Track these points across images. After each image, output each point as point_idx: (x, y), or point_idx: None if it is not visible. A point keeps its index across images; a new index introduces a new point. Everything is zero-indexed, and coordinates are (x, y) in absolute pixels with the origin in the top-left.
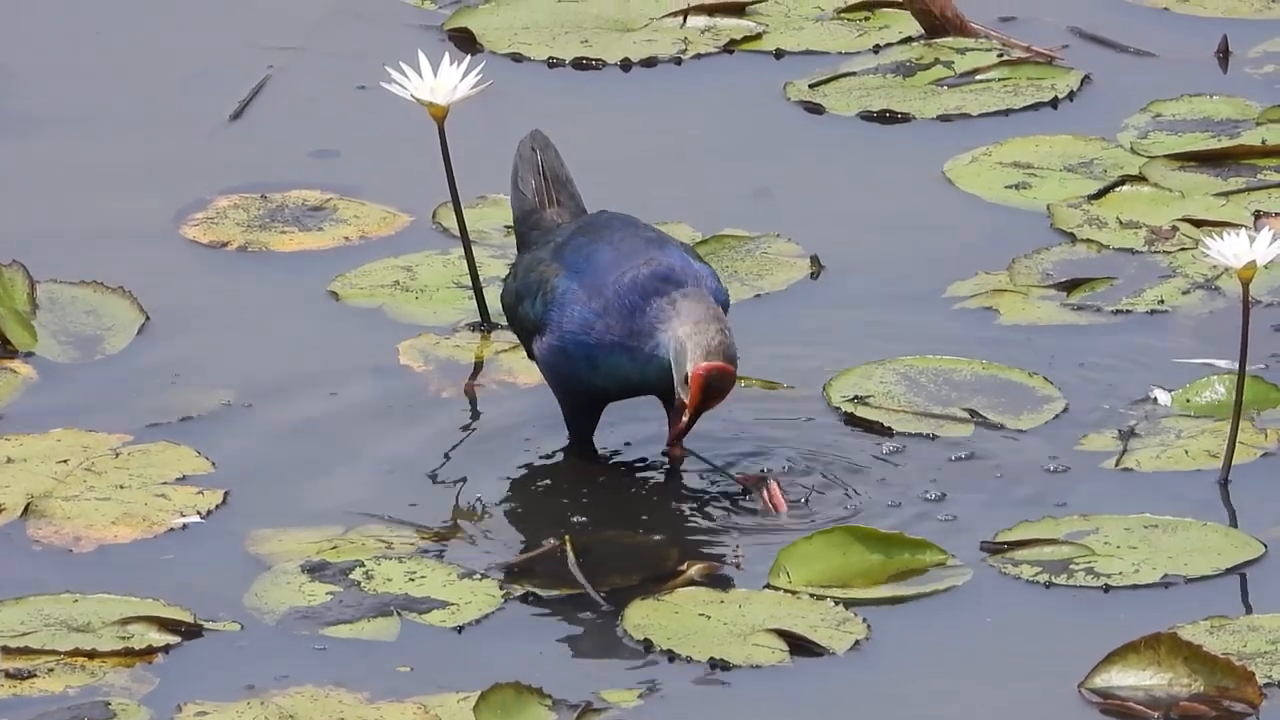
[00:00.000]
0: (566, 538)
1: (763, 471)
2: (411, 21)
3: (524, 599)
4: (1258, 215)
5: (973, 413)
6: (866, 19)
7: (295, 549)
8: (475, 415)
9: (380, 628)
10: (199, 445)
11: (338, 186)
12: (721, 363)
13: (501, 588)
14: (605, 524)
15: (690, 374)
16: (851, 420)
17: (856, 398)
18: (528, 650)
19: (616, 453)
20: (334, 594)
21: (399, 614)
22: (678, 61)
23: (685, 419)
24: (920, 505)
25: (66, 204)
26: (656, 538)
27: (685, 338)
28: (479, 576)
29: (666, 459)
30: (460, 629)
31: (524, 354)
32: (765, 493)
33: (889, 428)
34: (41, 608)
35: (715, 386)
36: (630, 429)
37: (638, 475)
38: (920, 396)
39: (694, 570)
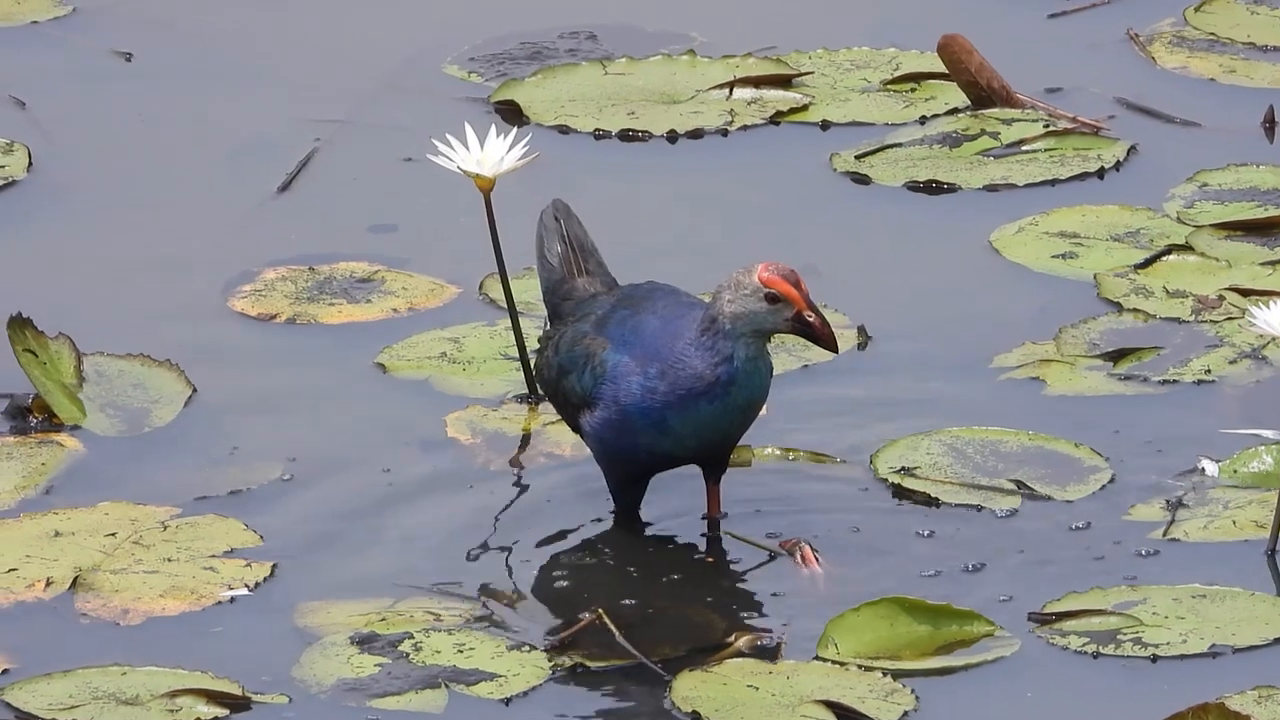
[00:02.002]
0: (599, 611)
1: (798, 541)
2: (458, 94)
3: (572, 670)
4: None
5: (1019, 484)
6: (913, 90)
7: (343, 621)
8: (523, 487)
9: (428, 700)
10: (247, 518)
11: (385, 258)
12: (760, 263)
13: (549, 660)
14: (652, 595)
15: (766, 288)
16: (899, 491)
17: (903, 469)
18: None
19: (661, 525)
20: (382, 666)
21: (447, 686)
22: (724, 133)
23: (812, 316)
24: (967, 576)
25: (114, 277)
26: (703, 609)
27: (730, 301)
28: (527, 648)
29: (708, 529)
30: (508, 701)
31: (567, 426)
32: (799, 556)
33: (936, 498)
34: (90, 680)
35: (783, 270)
36: (673, 502)
37: (683, 547)
38: (967, 467)
39: (741, 641)
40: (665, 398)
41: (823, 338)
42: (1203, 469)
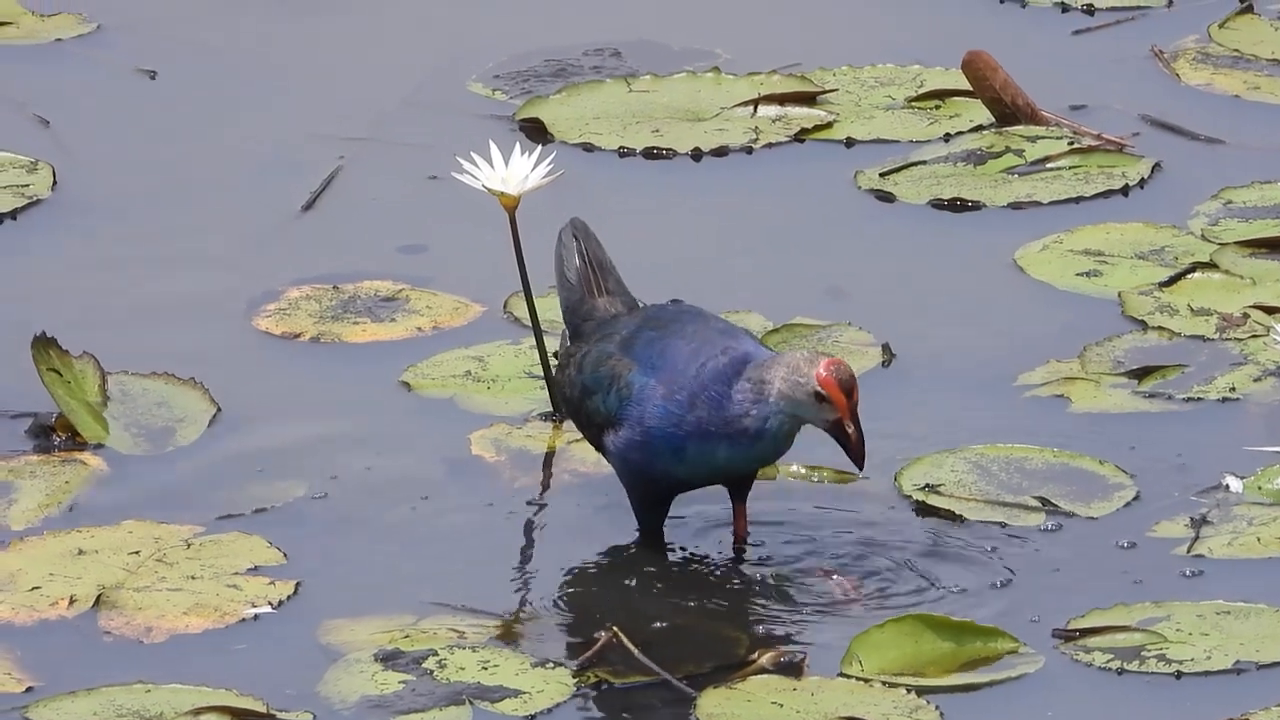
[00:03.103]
0: (614, 629)
1: (823, 570)
2: (482, 112)
3: (595, 687)
4: None
5: (1044, 501)
6: (937, 108)
7: (367, 639)
8: (547, 505)
9: (452, 717)
10: (271, 536)
11: (410, 277)
12: (826, 357)
13: (574, 676)
14: (676, 611)
15: (819, 387)
16: (923, 509)
17: (928, 486)
18: None
19: (684, 541)
20: (406, 683)
21: (471, 703)
22: (749, 150)
23: (850, 429)
24: (992, 593)
25: (138, 295)
26: (727, 625)
27: (784, 379)
28: (551, 665)
29: (734, 547)
30: (532, 718)
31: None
32: (836, 578)
33: (960, 516)
34: (114, 698)
35: (842, 376)
36: (695, 519)
37: (707, 563)
38: (992, 485)
39: (765, 658)
40: (690, 427)
41: (854, 453)
42: (1227, 485)
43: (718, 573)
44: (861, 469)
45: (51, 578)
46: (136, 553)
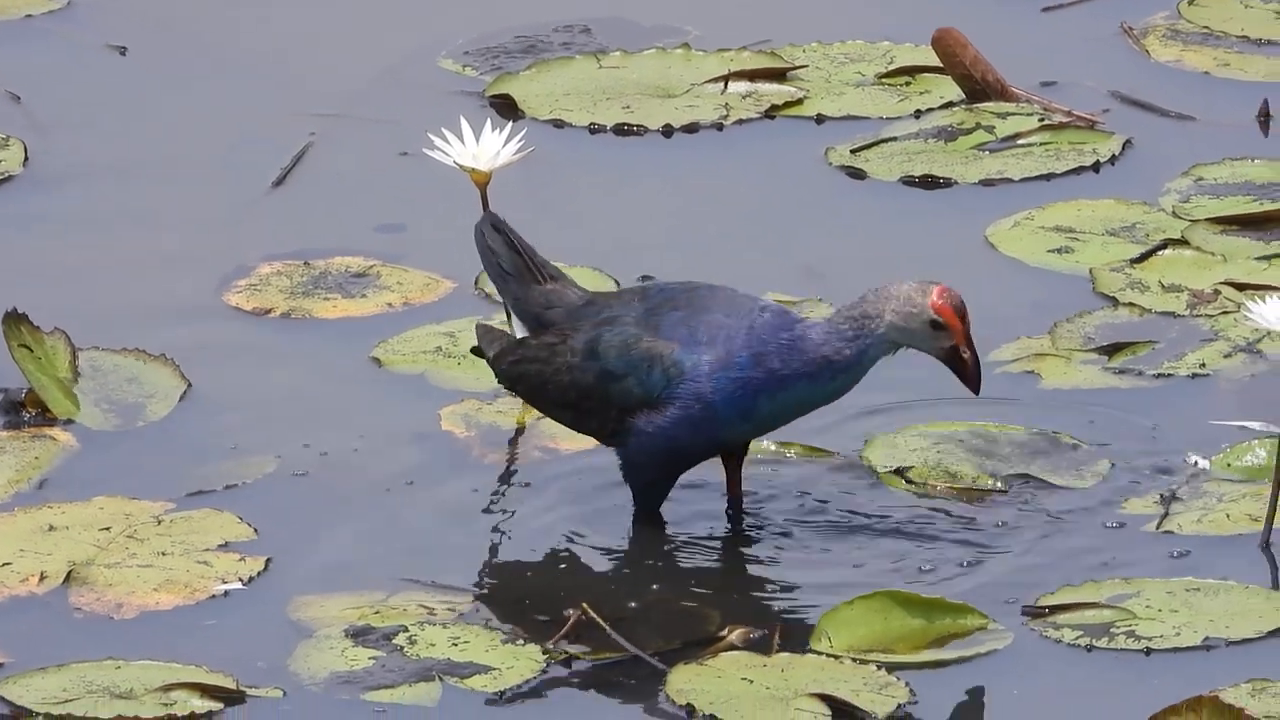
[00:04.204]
0: (584, 606)
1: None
2: (452, 88)
3: (565, 664)
4: None
5: (1014, 477)
6: (908, 84)
7: (337, 615)
8: (517, 480)
9: (422, 692)
10: (241, 512)
11: (381, 253)
12: (936, 285)
13: (544, 653)
14: (646, 588)
15: (935, 315)
16: (893, 485)
17: (898, 470)
18: (570, 716)
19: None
20: (376, 659)
21: (441, 679)
22: (719, 127)
23: (966, 353)
24: (961, 569)
25: (108, 271)
26: (697, 601)
27: (895, 311)
28: (521, 642)
29: (728, 512)
30: (502, 694)
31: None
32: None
33: (930, 492)
34: (84, 675)
35: (955, 302)
36: (676, 496)
37: (677, 540)
38: (961, 461)
39: (735, 635)
40: (760, 383)
41: (970, 377)
42: (1195, 463)
43: (688, 548)
44: (978, 393)
45: (22, 554)
46: (107, 529)
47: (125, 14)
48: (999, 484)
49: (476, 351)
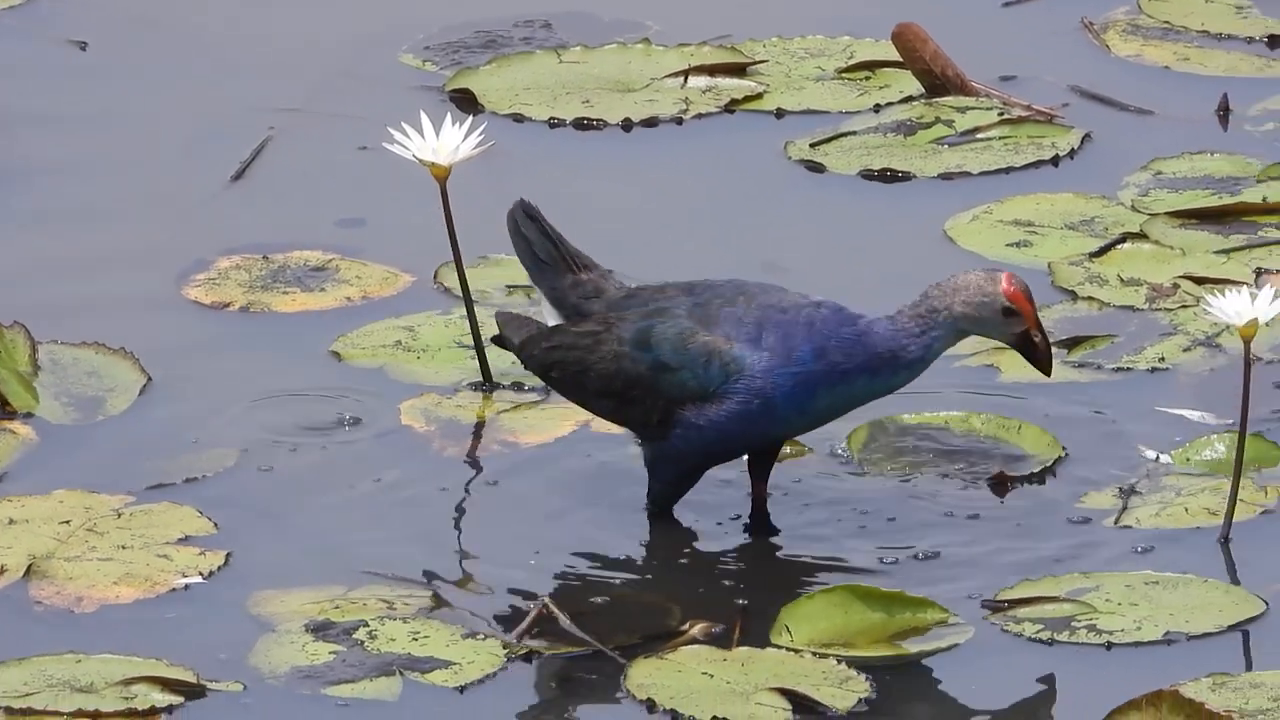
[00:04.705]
0: (545, 600)
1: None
2: (412, 83)
3: (526, 658)
4: (1259, 272)
5: (974, 470)
6: (867, 78)
7: (297, 609)
8: (477, 474)
9: (383, 687)
10: (201, 505)
11: (340, 247)
12: (1002, 272)
13: (504, 647)
14: (607, 582)
15: (1008, 302)
16: (852, 478)
17: (859, 459)
18: (530, 710)
19: (616, 513)
20: (337, 653)
21: (402, 674)
22: (679, 121)
23: (1037, 336)
24: (921, 563)
25: (68, 265)
26: (658, 596)
27: (964, 302)
28: (481, 636)
29: (754, 515)
30: (463, 689)
31: (523, 415)
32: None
33: (890, 485)
34: (44, 668)
35: (1023, 287)
36: (628, 491)
37: (637, 535)
38: (921, 454)
39: (696, 629)
40: (820, 377)
41: (1042, 359)
42: (1154, 457)
43: (650, 542)
44: (1049, 374)
45: None
46: (67, 522)
47: (86, 9)
48: (959, 477)
49: (499, 340)
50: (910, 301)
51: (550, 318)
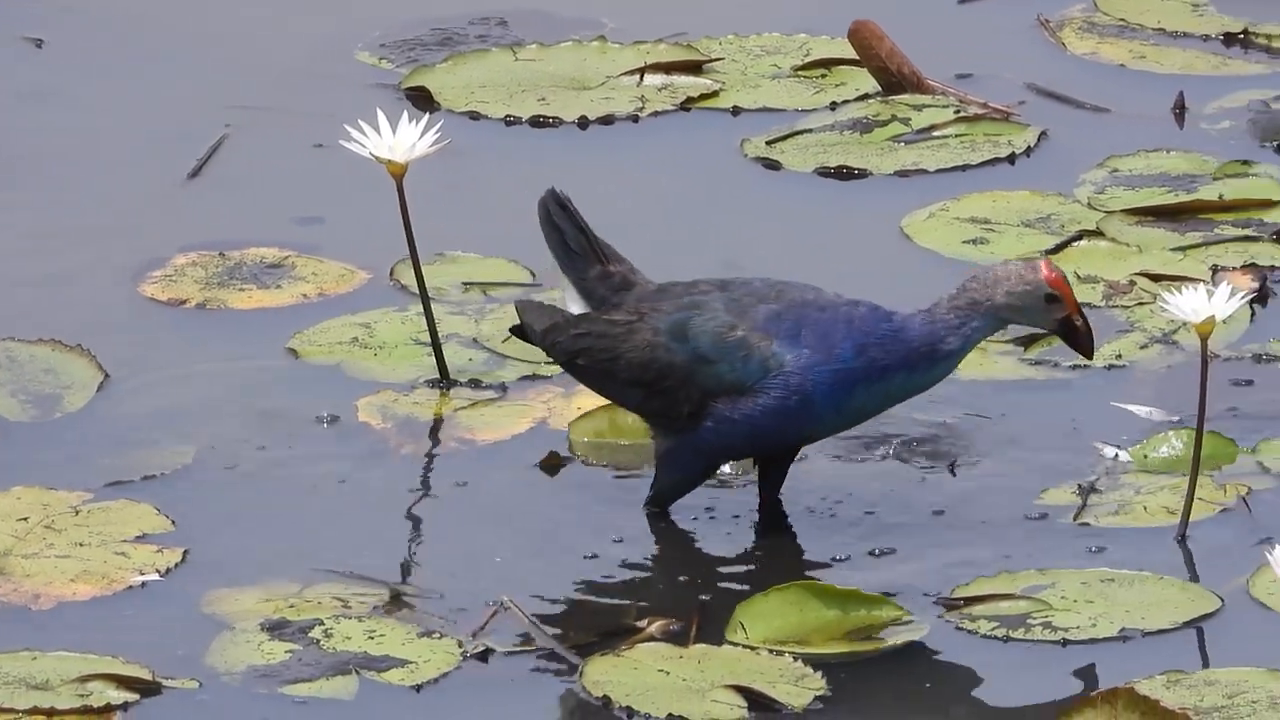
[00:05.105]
0: (505, 598)
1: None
2: (369, 80)
3: (482, 657)
4: (1215, 269)
5: (929, 467)
6: (823, 76)
7: (253, 607)
8: (434, 472)
9: (339, 686)
10: (159, 503)
11: (296, 244)
12: (1040, 259)
13: (460, 646)
14: (564, 581)
15: (1051, 289)
16: (807, 474)
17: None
18: (486, 708)
19: (572, 511)
20: (293, 652)
21: (358, 672)
22: (635, 119)
23: (1079, 321)
24: (876, 560)
25: (25, 262)
26: (615, 594)
27: (1007, 293)
28: (438, 635)
29: (762, 515)
30: (419, 688)
31: (480, 412)
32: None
33: (844, 481)
34: (0, 665)
35: (1062, 273)
36: (580, 489)
37: (595, 532)
38: (876, 451)
39: (654, 627)
40: (860, 374)
41: (1084, 344)
42: (1111, 455)
43: (609, 542)
44: (1091, 358)
45: None
46: (24, 519)
47: (41, 6)
48: (915, 474)
49: (518, 330)
50: (947, 294)
51: (575, 308)
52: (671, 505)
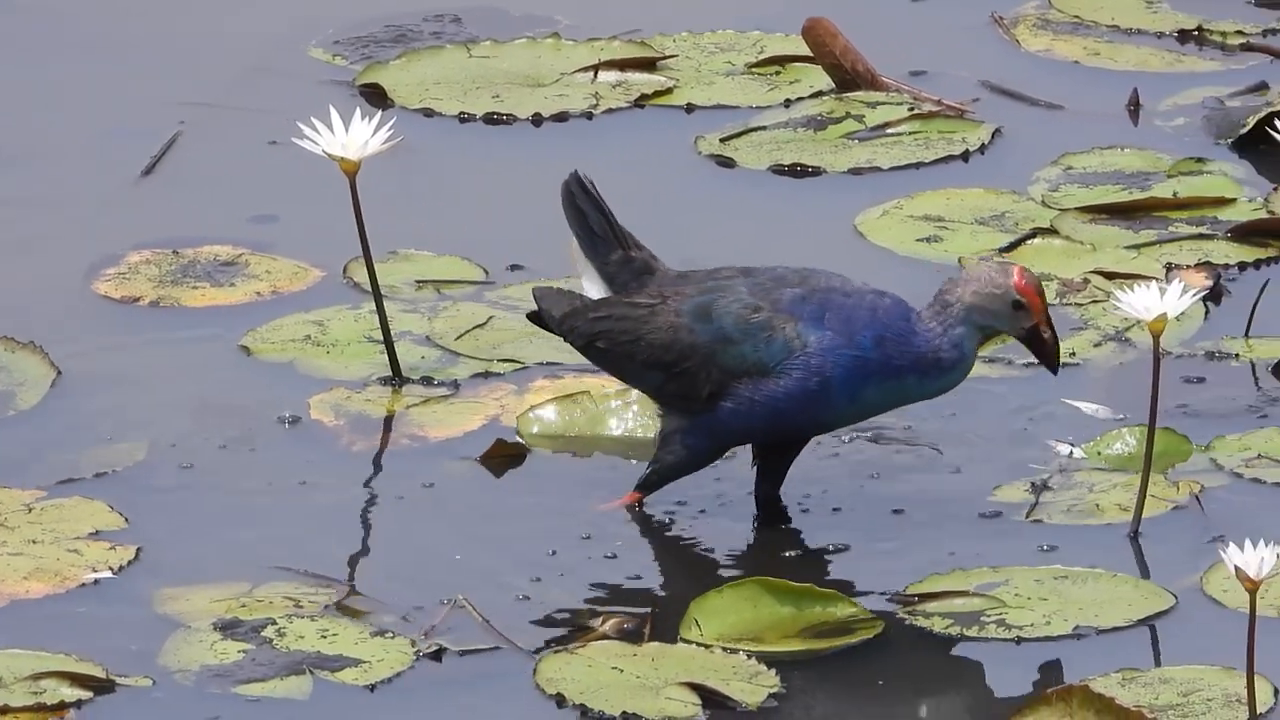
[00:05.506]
0: (460, 596)
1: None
2: (323, 77)
3: (436, 656)
4: (1169, 268)
5: (884, 463)
6: (777, 73)
7: (204, 607)
8: (386, 469)
9: (292, 686)
10: (111, 500)
11: (250, 242)
12: (1014, 265)
13: (413, 645)
14: (518, 579)
15: (1019, 295)
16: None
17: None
18: (440, 707)
19: (528, 509)
20: (246, 652)
21: (311, 672)
22: (589, 116)
23: (1046, 332)
24: (830, 557)
25: None
26: (570, 592)
27: (975, 294)
28: (391, 634)
29: (765, 510)
30: (372, 687)
31: (432, 410)
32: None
33: (801, 478)
34: None
35: (1034, 281)
36: (539, 486)
37: (550, 531)
38: (829, 449)
39: (608, 625)
40: (875, 366)
41: (1049, 356)
42: (1067, 454)
43: (561, 538)
44: (1057, 372)
45: None
46: None
47: None
48: (868, 471)
49: (535, 316)
50: (928, 302)
51: (595, 292)
52: (663, 486)
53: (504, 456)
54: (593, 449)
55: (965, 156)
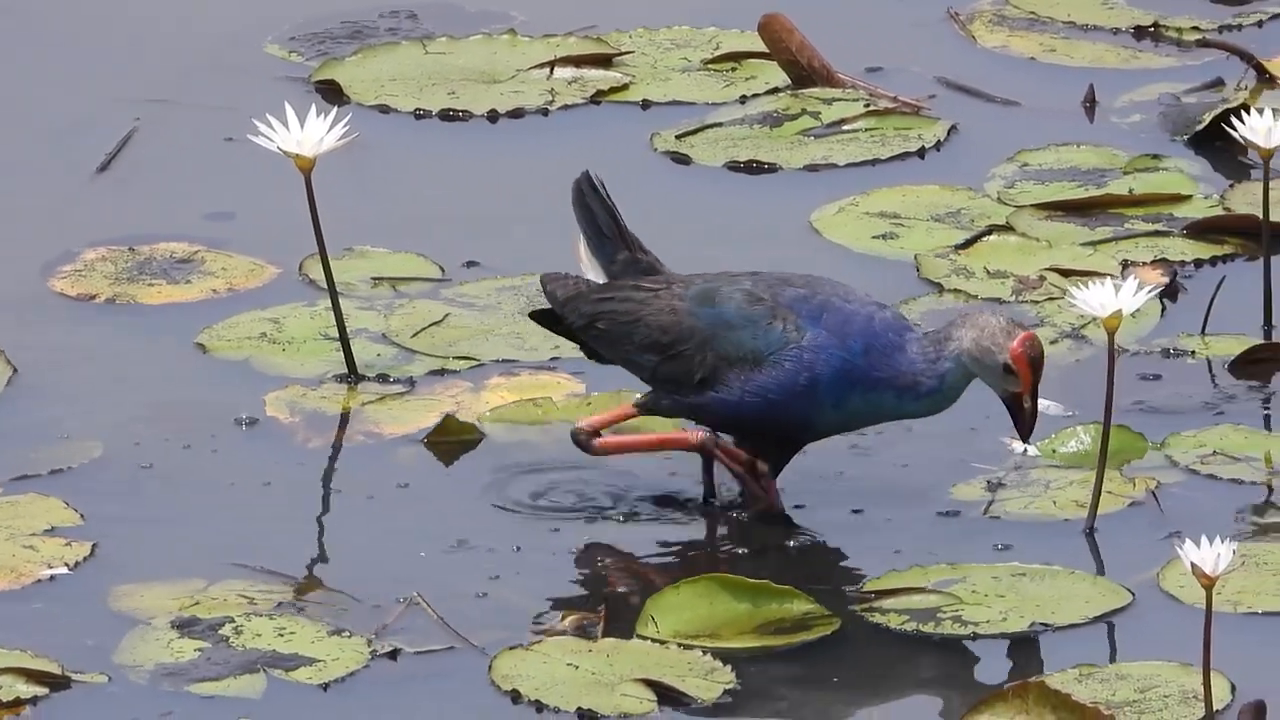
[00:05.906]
0: (416, 594)
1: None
2: (278, 73)
3: (391, 655)
4: (1125, 264)
5: (843, 460)
6: (733, 70)
7: (158, 605)
8: (342, 466)
9: (246, 684)
10: (67, 497)
11: (205, 239)
12: (1023, 331)
13: (369, 644)
14: (474, 576)
15: (1010, 361)
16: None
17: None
18: (395, 705)
19: (485, 504)
20: (202, 650)
21: (266, 671)
22: (545, 113)
23: (1028, 404)
24: (787, 553)
25: None
26: (525, 589)
27: (974, 341)
28: (347, 633)
29: (747, 506)
30: (327, 686)
31: (388, 407)
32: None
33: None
34: None
35: (1034, 354)
36: (502, 482)
37: (507, 527)
38: (788, 445)
39: (567, 622)
40: (860, 373)
41: (1024, 427)
42: (1022, 451)
43: (517, 535)
44: (1028, 442)
45: None
46: None
47: None
48: (825, 468)
49: (535, 316)
50: (939, 325)
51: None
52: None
53: (457, 441)
54: (551, 438)
55: (921, 153)
